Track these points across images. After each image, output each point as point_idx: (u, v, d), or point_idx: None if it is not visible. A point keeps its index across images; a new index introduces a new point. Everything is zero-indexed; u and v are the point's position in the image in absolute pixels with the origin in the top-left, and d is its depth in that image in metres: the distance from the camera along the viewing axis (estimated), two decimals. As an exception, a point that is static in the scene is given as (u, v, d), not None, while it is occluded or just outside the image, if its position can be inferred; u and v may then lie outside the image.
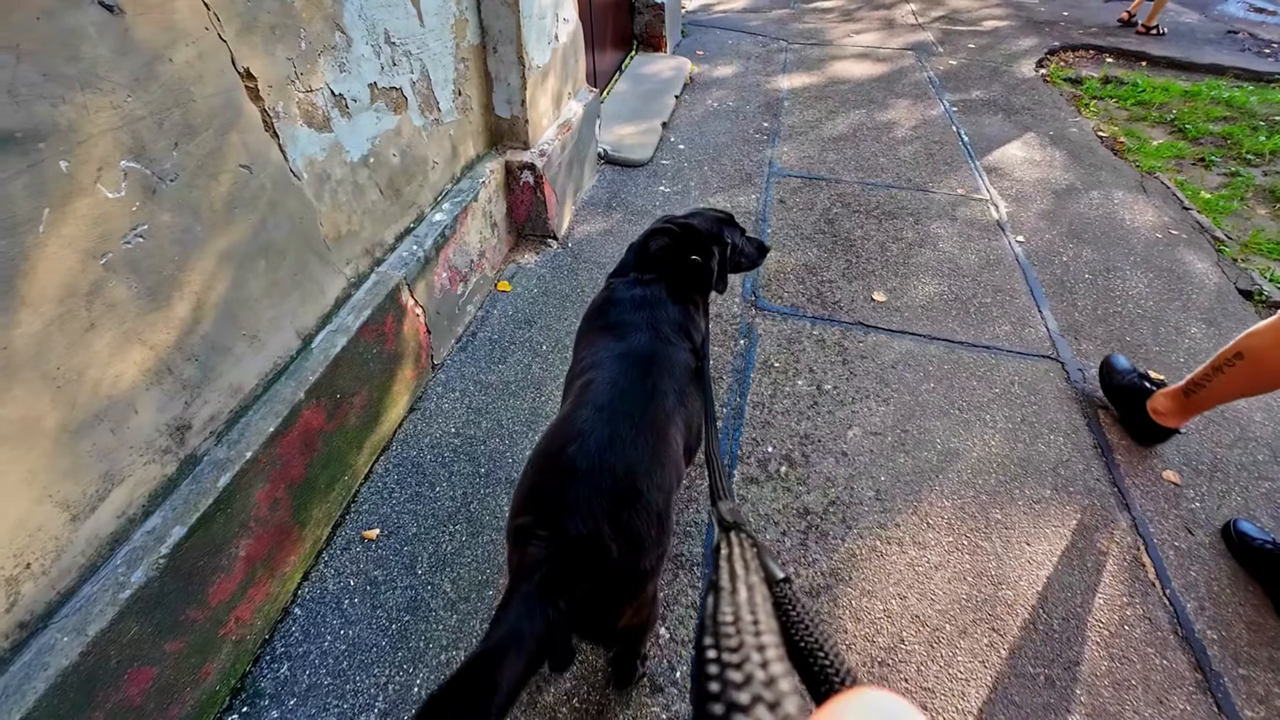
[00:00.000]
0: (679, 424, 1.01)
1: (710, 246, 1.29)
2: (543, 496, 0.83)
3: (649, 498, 0.84)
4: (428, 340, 1.84)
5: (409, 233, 1.78)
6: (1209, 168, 3.39)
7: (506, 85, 2.14)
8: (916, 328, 2.17)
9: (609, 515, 0.80)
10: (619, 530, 0.80)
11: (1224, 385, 1.56)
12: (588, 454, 0.85)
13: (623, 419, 0.91)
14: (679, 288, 1.24)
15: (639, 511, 0.82)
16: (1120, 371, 1.88)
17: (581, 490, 0.81)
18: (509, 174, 2.28)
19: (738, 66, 4.42)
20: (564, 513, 0.80)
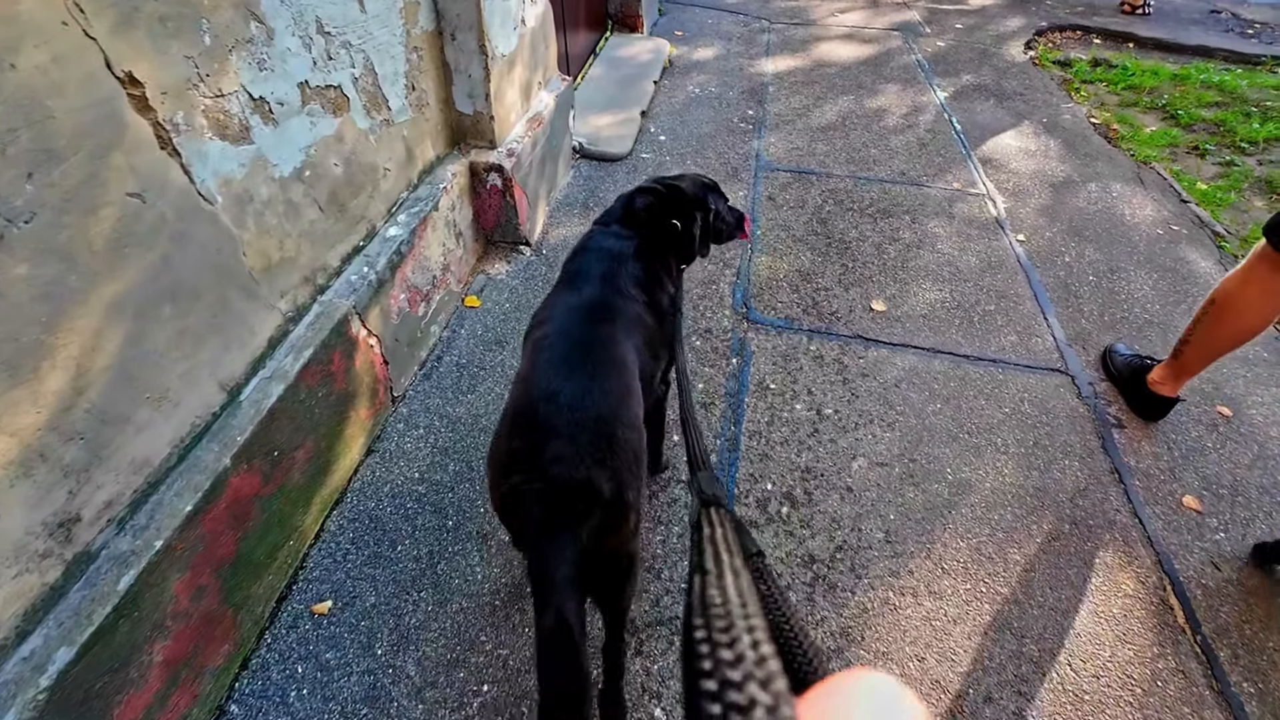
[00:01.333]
0: (634, 369, 1.04)
1: (694, 211, 1.30)
2: (527, 456, 0.86)
3: (624, 437, 0.90)
4: (385, 372, 1.63)
5: (358, 252, 1.56)
6: (1204, 156, 3.30)
7: (468, 77, 1.90)
8: (919, 340, 2.03)
9: (596, 460, 0.85)
10: (605, 471, 0.86)
11: (1205, 336, 1.63)
12: (561, 409, 0.88)
13: (584, 370, 0.95)
14: (651, 247, 1.25)
15: (619, 453, 0.88)
16: (1121, 354, 1.94)
17: (562, 445, 0.85)
18: (474, 176, 2.05)
19: (719, 48, 4.19)
20: (553, 464, 0.84)
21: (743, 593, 0.28)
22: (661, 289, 1.22)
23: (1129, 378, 1.87)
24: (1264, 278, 1.51)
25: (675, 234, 1.28)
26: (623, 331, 1.07)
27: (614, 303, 1.11)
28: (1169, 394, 1.76)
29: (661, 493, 1.55)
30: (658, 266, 1.24)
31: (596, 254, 1.20)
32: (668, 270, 1.28)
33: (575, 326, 1.04)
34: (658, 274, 1.23)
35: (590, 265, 1.18)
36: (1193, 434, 1.80)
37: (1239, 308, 1.56)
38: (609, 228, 1.27)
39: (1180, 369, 1.73)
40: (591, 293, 1.12)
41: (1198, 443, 1.77)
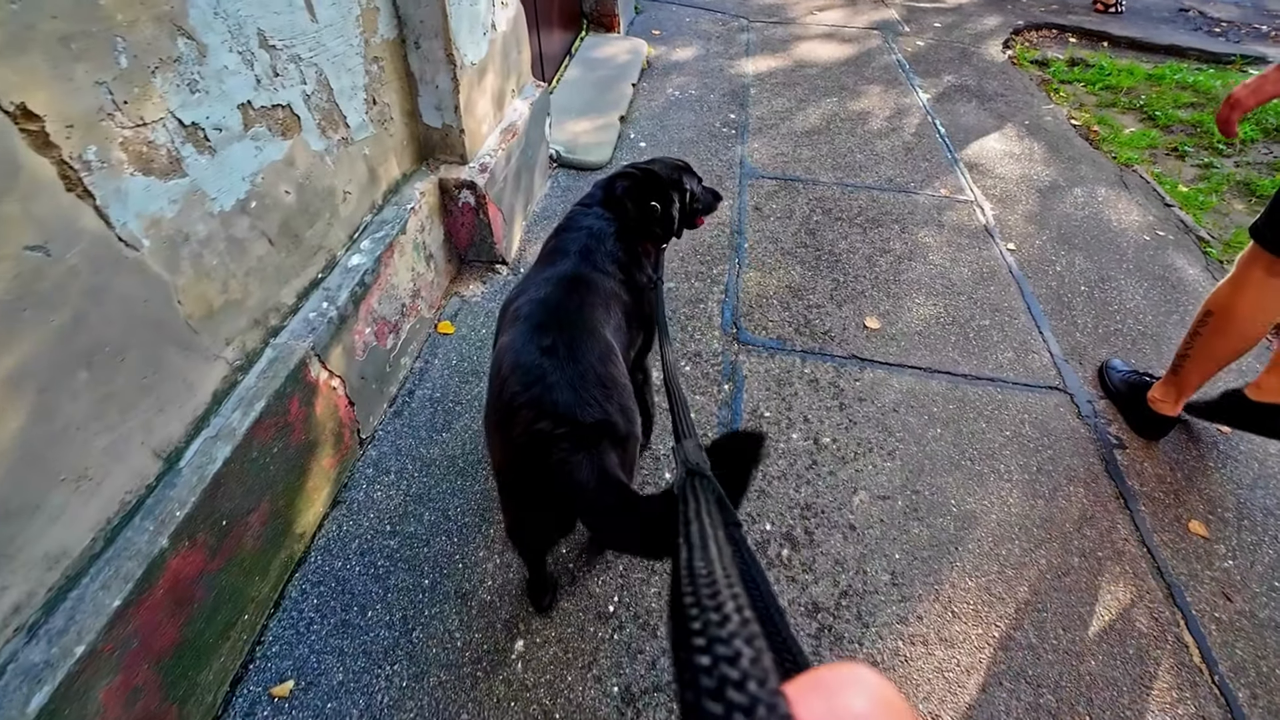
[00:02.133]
0: (610, 330, 1.09)
1: (670, 192, 1.34)
2: (549, 404, 0.91)
3: (622, 381, 1.00)
4: (351, 414, 1.50)
5: (317, 286, 1.42)
6: (1183, 158, 3.30)
7: (434, 88, 1.76)
8: (915, 359, 1.96)
9: (605, 399, 0.93)
10: (616, 409, 0.94)
11: (1204, 349, 1.59)
12: (562, 360, 0.95)
13: (573, 328, 1.01)
14: (629, 227, 1.29)
15: (621, 392, 0.98)
16: (1117, 371, 1.90)
17: (577, 389, 0.92)
18: (444, 194, 1.91)
19: (698, 48, 4.08)
20: (574, 408, 0.90)
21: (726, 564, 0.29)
22: (639, 268, 1.27)
23: (1128, 396, 1.83)
24: (1258, 282, 1.47)
25: (654, 215, 1.32)
26: (599, 301, 1.12)
27: (589, 276, 1.15)
28: (1170, 413, 1.72)
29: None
30: (636, 246, 1.28)
31: (576, 232, 1.24)
32: (646, 250, 1.32)
33: (552, 294, 1.08)
34: (636, 254, 1.27)
35: (569, 243, 1.22)
36: (1193, 452, 1.76)
37: (1237, 317, 1.52)
38: (590, 209, 1.31)
39: (1181, 385, 1.68)
40: (568, 266, 1.16)
41: (1199, 462, 1.73)
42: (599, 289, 1.14)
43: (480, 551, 1.40)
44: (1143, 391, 1.77)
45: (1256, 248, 1.45)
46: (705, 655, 0.22)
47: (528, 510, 1.04)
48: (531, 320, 1.02)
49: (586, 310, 1.06)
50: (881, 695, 0.21)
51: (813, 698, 0.21)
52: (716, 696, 0.20)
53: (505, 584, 1.35)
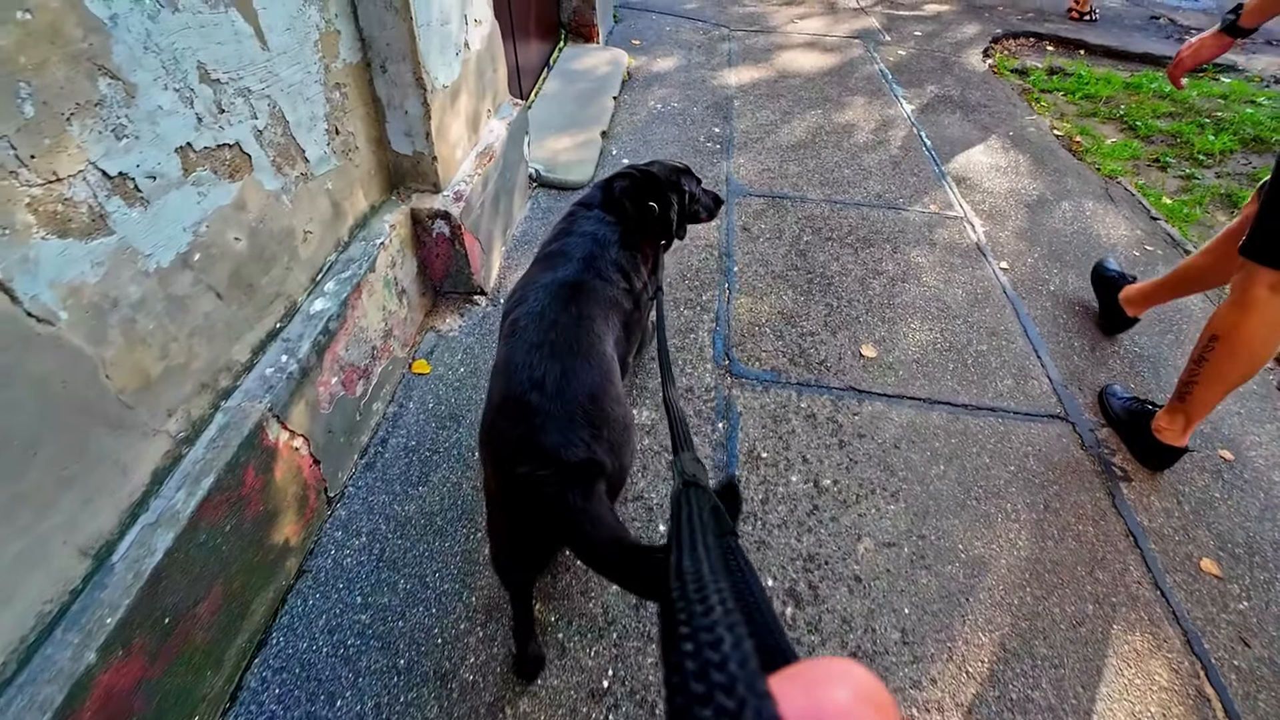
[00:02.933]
0: (611, 343, 1.08)
1: (669, 194, 1.35)
2: (534, 446, 0.89)
3: (614, 413, 0.96)
4: (316, 473, 1.37)
5: (275, 337, 1.29)
6: (1165, 169, 3.31)
7: (403, 114, 1.65)
8: (914, 389, 1.89)
9: (593, 438, 0.90)
10: (604, 446, 0.91)
11: (1210, 375, 1.54)
12: (550, 397, 0.91)
13: (567, 352, 0.97)
14: (630, 229, 1.29)
15: (612, 427, 0.94)
16: (1118, 398, 1.86)
17: (562, 430, 0.89)
18: (417, 224, 1.80)
19: (679, 58, 4.00)
20: (558, 450, 0.87)
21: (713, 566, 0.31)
22: (638, 274, 1.27)
23: (1130, 424, 1.77)
24: (1265, 301, 1.42)
25: (653, 216, 1.32)
26: (599, 312, 1.09)
27: (592, 284, 1.13)
28: (1178, 443, 1.65)
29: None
30: (636, 251, 1.28)
31: (578, 236, 1.23)
32: (645, 254, 1.32)
33: (550, 307, 1.05)
34: (636, 259, 1.27)
35: (571, 246, 1.20)
36: (1199, 483, 1.71)
37: (1246, 339, 1.46)
38: (590, 210, 1.30)
39: (1189, 413, 1.62)
40: (569, 272, 1.14)
41: (1205, 493, 1.69)
42: (600, 298, 1.12)
43: (461, 624, 1.28)
44: (1146, 420, 1.72)
45: (1254, 266, 1.41)
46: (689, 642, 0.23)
47: (514, 539, 1.03)
48: (527, 338, 1.00)
49: (584, 325, 1.04)
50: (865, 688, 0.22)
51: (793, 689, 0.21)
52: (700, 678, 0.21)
53: (489, 660, 1.24)
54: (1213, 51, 1.58)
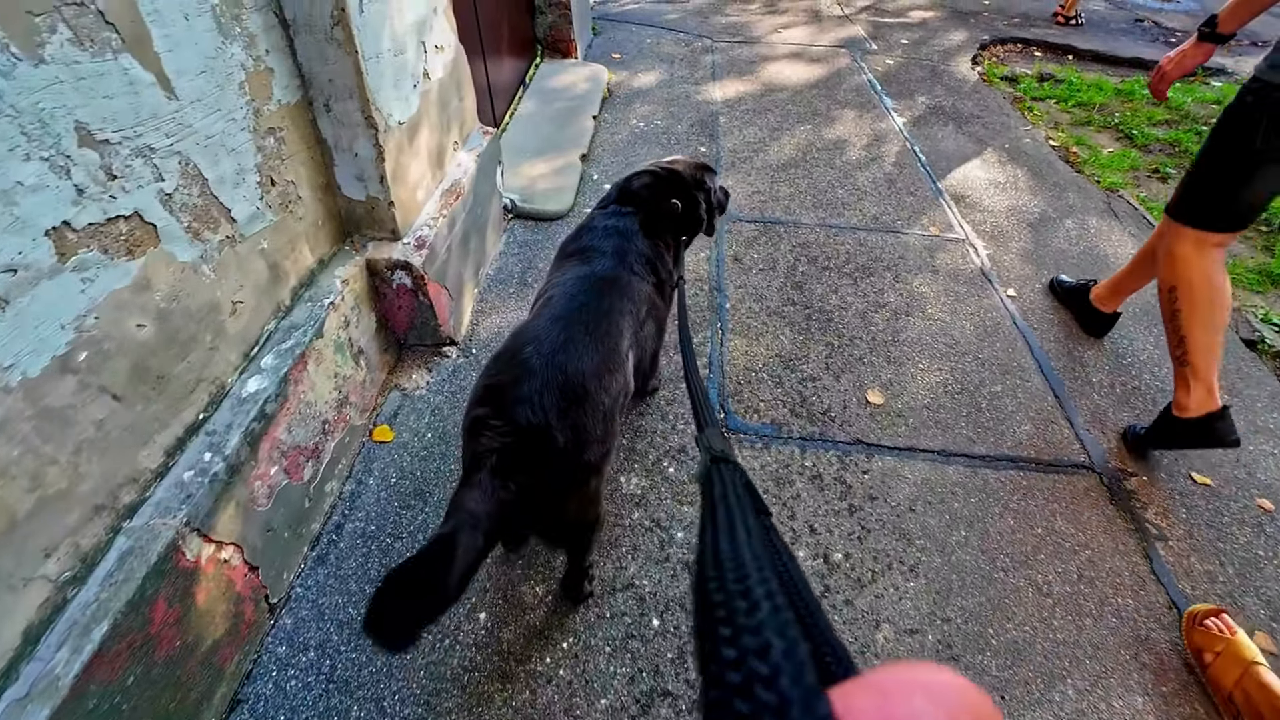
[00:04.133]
0: (631, 341, 1.07)
1: (694, 191, 1.38)
2: (498, 390, 0.89)
3: (597, 398, 0.92)
4: (254, 582, 1.18)
5: (197, 431, 1.11)
6: (1165, 180, 3.20)
7: (353, 157, 1.47)
8: (927, 440, 1.73)
9: (558, 409, 0.87)
10: (566, 423, 0.87)
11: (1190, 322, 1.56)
12: (542, 355, 0.91)
13: (578, 327, 0.98)
14: (654, 225, 1.30)
15: (587, 409, 0.90)
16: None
17: (534, 385, 0.87)
18: (374, 275, 1.61)
19: (662, 72, 3.84)
20: (516, 404, 0.86)
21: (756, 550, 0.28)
22: (665, 268, 1.28)
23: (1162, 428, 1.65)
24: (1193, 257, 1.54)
25: (675, 213, 1.34)
26: (631, 308, 1.10)
27: (626, 279, 1.15)
28: (1212, 408, 1.54)
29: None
30: (660, 244, 1.30)
31: (604, 232, 1.24)
32: (669, 247, 1.34)
33: (582, 292, 1.07)
34: (662, 253, 1.29)
35: (600, 241, 1.22)
36: (1240, 539, 1.57)
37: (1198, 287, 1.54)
38: (607, 209, 1.32)
39: (1198, 372, 1.55)
40: (605, 266, 1.16)
41: (1248, 551, 1.54)
42: (634, 294, 1.13)
43: (425, 762, 1.10)
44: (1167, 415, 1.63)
45: (1178, 226, 1.56)
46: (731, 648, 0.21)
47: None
48: (553, 310, 1.02)
49: (611, 317, 1.05)
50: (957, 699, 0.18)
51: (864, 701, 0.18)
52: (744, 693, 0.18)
53: (457, 807, 1.05)
54: (1195, 60, 1.56)
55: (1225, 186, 1.49)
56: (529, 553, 1.41)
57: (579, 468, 0.90)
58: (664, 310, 1.28)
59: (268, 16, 1.23)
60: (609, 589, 1.36)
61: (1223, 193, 1.49)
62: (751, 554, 0.27)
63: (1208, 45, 1.57)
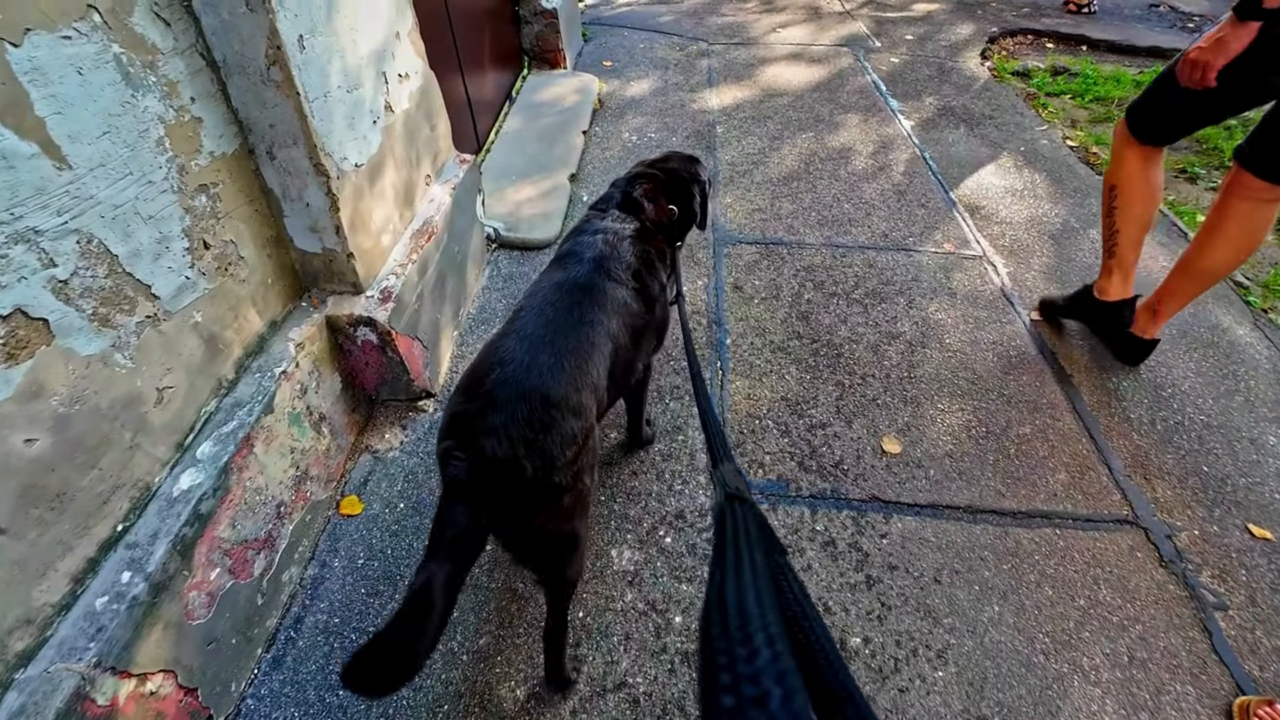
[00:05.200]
0: (605, 354, 1.04)
1: (691, 188, 1.38)
2: (465, 421, 0.88)
3: (564, 423, 0.90)
4: (192, 705, 1.04)
5: (113, 547, 0.96)
6: (1195, 181, 3.00)
7: (304, 207, 1.32)
8: (951, 495, 1.57)
9: (525, 439, 0.86)
10: (534, 451, 0.86)
11: (1121, 222, 1.81)
12: (505, 382, 0.90)
13: (544, 347, 0.96)
14: (646, 231, 1.28)
15: (553, 434, 0.88)
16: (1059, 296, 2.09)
17: (499, 417, 0.86)
18: (335, 332, 1.47)
19: (655, 80, 3.67)
20: (482, 435, 0.85)
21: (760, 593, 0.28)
22: (654, 275, 1.25)
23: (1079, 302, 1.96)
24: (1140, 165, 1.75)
25: (674, 218, 1.34)
26: (604, 315, 1.07)
27: (600, 285, 1.12)
28: (1123, 295, 1.86)
29: None
30: (652, 252, 1.26)
31: (590, 235, 1.22)
32: (662, 255, 1.30)
33: (552, 303, 1.05)
34: (652, 260, 1.25)
35: (583, 247, 1.19)
36: (1308, 604, 1.40)
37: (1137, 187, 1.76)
38: (607, 211, 1.30)
39: (1119, 265, 1.84)
40: (579, 273, 1.13)
41: (1319, 619, 1.37)
42: (608, 302, 1.10)
43: None
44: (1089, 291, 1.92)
45: (1130, 138, 1.73)
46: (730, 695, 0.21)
47: None
48: (521, 326, 1.01)
49: (583, 330, 1.03)
50: None
51: None
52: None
53: None
54: (1242, 42, 1.40)
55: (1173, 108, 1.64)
56: (508, 647, 1.26)
57: (548, 490, 0.90)
58: (649, 320, 1.22)
59: (192, 60, 1.08)
60: (598, 689, 1.21)
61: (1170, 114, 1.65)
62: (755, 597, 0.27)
63: (1251, 23, 1.38)
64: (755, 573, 0.30)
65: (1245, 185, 1.56)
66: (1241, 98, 1.54)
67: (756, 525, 0.41)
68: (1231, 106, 1.58)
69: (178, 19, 1.05)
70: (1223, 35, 1.42)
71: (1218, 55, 1.43)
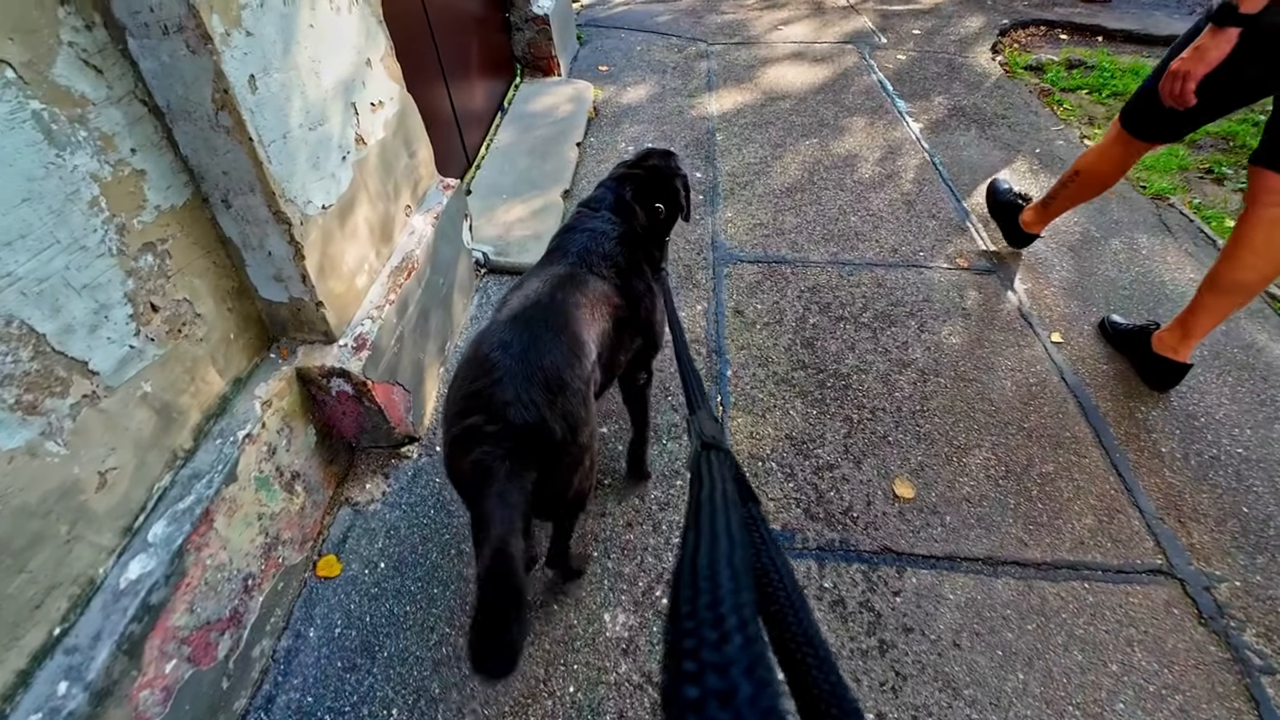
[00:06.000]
0: (593, 334, 1.09)
1: (674, 183, 1.38)
2: (484, 397, 0.90)
3: (574, 386, 0.96)
4: (146, 815, 0.96)
5: (52, 652, 0.88)
6: (1222, 182, 2.85)
7: (266, 256, 1.22)
8: (969, 544, 1.46)
9: (548, 403, 0.91)
10: (557, 414, 0.91)
11: (1070, 196, 2.01)
12: (514, 357, 0.94)
13: (539, 325, 1.01)
14: (630, 230, 1.31)
15: (569, 397, 0.94)
16: (1000, 191, 2.30)
17: (517, 387, 0.90)
18: (308, 383, 1.38)
19: (653, 85, 3.55)
20: (507, 407, 0.88)
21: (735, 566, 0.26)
22: (639, 274, 1.28)
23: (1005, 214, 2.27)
24: (1120, 155, 1.83)
25: (659, 216, 1.37)
26: (585, 301, 1.11)
27: (583, 276, 1.17)
28: (1036, 232, 2.20)
29: None
30: (639, 251, 1.30)
31: (579, 233, 1.26)
32: (648, 252, 1.34)
33: (538, 291, 1.09)
34: (636, 258, 1.29)
35: (569, 242, 1.25)
36: (1364, 667, 1.28)
37: (1100, 177, 1.91)
38: (598, 212, 1.32)
39: (1047, 215, 2.12)
40: (563, 266, 1.18)
41: (1377, 685, 1.26)
42: (590, 289, 1.15)
43: None
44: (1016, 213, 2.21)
45: (1123, 131, 1.78)
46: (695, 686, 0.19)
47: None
48: (509, 312, 1.05)
49: (568, 310, 1.06)
50: None
51: None
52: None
53: None
54: (1221, 51, 1.39)
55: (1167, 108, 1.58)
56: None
57: (578, 450, 0.95)
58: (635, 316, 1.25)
59: (131, 108, 0.99)
60: (590, 777, 1.12)
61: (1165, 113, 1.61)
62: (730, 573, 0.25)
63: (1229, 29, 1.37)
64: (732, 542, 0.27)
65: (1269, 188, 1.51)
66: (1234, 96, 1.53)
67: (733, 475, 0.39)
68: (1225, 105, 1.57)
69: (111, 65, 0.95)
70: (1201, 44, 1.42)
71: (1198, 64, 1.43)
